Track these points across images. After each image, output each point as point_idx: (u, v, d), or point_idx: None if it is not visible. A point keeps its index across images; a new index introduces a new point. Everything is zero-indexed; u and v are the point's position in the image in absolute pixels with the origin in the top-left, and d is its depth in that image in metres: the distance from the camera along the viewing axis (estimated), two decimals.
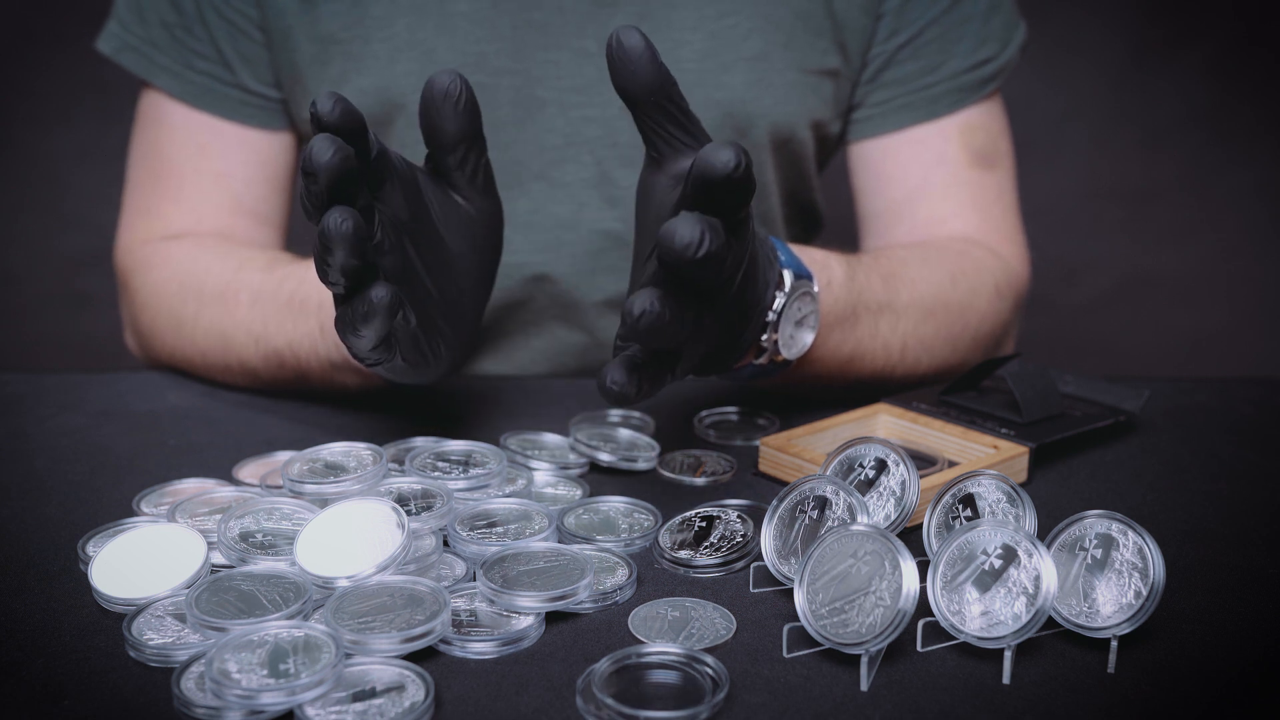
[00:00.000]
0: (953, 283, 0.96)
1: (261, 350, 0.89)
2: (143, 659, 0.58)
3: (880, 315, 0.89)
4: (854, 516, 0.63)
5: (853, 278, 0.87)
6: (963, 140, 1.07)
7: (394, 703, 0.54)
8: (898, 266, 0.93)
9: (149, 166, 1.06)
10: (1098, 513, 0.60)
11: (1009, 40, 1.08)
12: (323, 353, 0.86)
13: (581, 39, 1.02)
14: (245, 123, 1.06)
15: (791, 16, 1.03)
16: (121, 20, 1.05)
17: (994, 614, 0.58)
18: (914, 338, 0.92)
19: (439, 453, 0.74)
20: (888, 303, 0.90)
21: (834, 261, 0.86)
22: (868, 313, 0.88)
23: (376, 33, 1.02)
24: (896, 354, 0.91)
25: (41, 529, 0.71)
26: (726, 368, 0.79)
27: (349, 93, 1.02)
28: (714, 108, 1.03)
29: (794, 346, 0.80)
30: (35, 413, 0.90)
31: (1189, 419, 0.91)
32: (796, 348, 0.80)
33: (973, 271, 0.99)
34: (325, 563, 0.62)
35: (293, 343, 0.87)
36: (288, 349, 0.88)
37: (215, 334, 0.92)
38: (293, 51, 1.03)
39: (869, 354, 0.89)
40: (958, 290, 0.96)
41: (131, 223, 1.07)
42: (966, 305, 0.97)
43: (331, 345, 0.84)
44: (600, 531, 0.69)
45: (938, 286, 0.94)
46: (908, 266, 0.94)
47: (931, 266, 0.96)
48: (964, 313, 0.96)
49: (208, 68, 1.04)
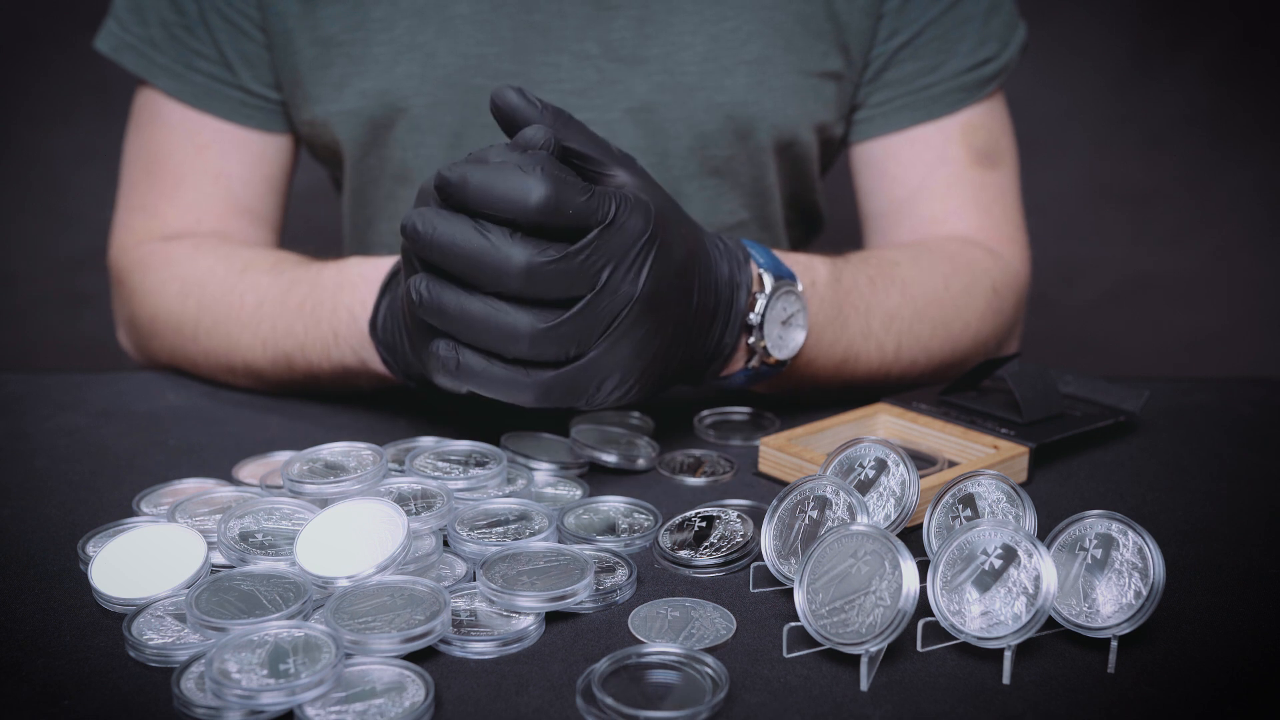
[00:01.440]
0: (945, 284, 0.96)
1: (269, 353, 0.89)
2: (143, 659, 0.58)
3: (871, 315, 0.89)
4: (854, 516, 0.63)
5: (838, 279, 0.87)
6: (964, 139, 1.07)
7: (394, 703, 0.54)
8: (888, 267, 0.93)
9: (145, 165, 1.06)
10: (1098, 513, 0.60)
11: (1009, 40, 1.08)
12: (335, 357, 0.86)
13: (581, 42, 1.02)
14: (244, 124, 1.06)
15: (792, 19, 1.03)
16: (120, 19, 1.05)
17: (994, 614, 0.58)
18: (909, 337, 0.92)
19: (439, 453, 0.74)
20: (878, 303, 0.90)
21: (818, 263, 0.87)
22: (856, 313, 0.88)
23: (377, 35, 1.02)
24: (891, 354, 0.91)
25: (41, 529, 0.71)
26: (709, 376, 0.79)
27: (350, 96, 1.02)
28: (716, 111, 1.03)
29: (785, 347, 0.80)
30: (35, 413, 0.90)
31: (1189, 419, 0.91)
32: (788, 348, 0.80)
33: (967, 271, 0.99)
34: (325, 563, 0.62)
35: (304, 346, 0.87)
36: (298, 352, 0.88)
37: (219, 336, 0.92)
38: (293, 54, 1.03)
39: (863, 355, 0.89)
40: (951, 290, 0.96)
41: (127, 221, 1.06)
42: (962, 305, 0.96)
43: (346, 351, 0.85)
44: (600, 531, 0.69)
45: (930, 287, 0.94)
46: (899, 267, 0.94)
47: (923, 267, 0.96)
48: (960, 313, 0.96)
49: (209, 68, 1.04)
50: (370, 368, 0.84)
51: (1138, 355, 2.38)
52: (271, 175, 1.08)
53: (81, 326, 2.27)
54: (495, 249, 0.66)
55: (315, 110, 1.04)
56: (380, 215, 1.10)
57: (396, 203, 1.08)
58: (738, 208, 1.09)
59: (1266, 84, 2.37)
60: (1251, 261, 2.43)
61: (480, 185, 0.66)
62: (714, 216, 1.08)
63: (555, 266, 0.66)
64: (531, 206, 0.65)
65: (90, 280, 2.25)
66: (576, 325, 0.68)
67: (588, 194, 0.67)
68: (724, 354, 0.78)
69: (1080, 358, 2.28)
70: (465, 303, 0.67)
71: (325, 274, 0.88)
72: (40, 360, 2.29)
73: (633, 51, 1.02)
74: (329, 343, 0.86)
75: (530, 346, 0.67)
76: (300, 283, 0.89)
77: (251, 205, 1.07)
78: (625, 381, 0.71)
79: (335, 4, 1.02)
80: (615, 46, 1.02)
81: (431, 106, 1.03)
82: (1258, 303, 2.43)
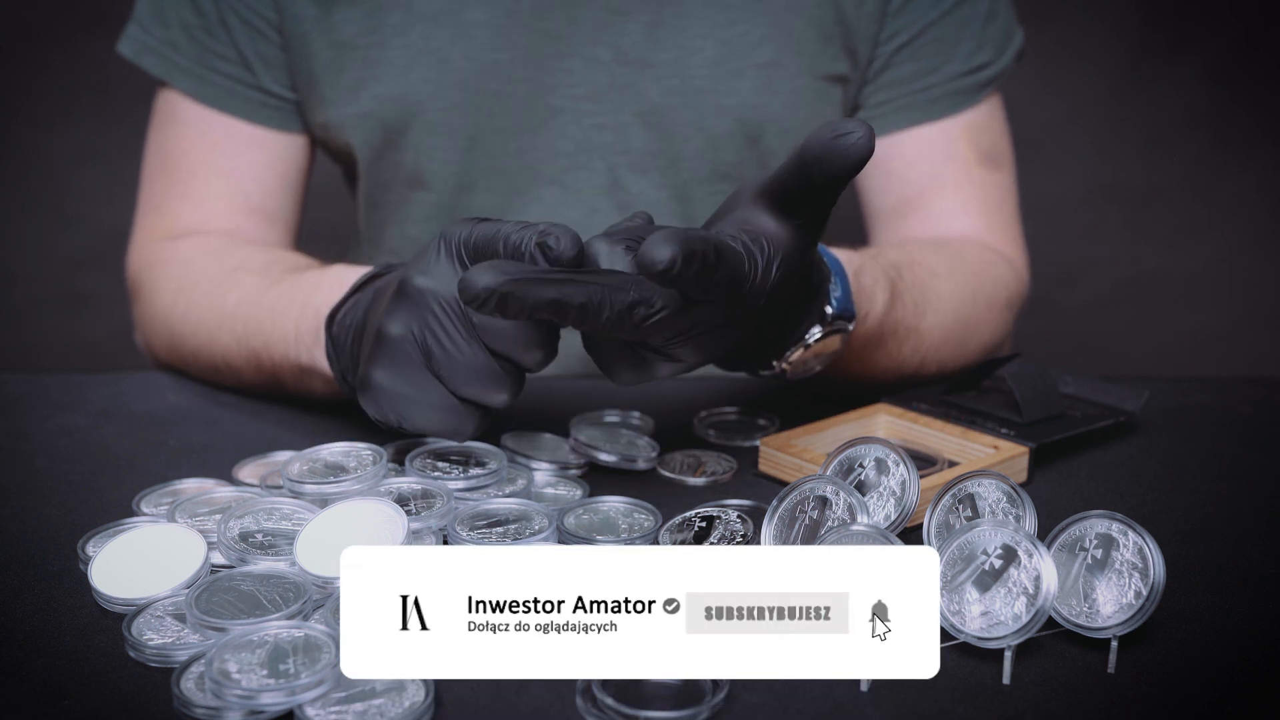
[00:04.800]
0: (974, 299, 0.97)
1: (242, 352, 0.89)
2: (143, 659, 0.58)
3: (905, 340, 0.90)
4: (854, 516, 0.63)
5: (891, 309, 0.86)
6: (970, 139, 1.08)
7: (394, 703, 0.54)
8: (928, 280, 0.93)
9: (162, 165, 1.07)
10: (1098, 513, 0.60)
11: (1005, 47, 1.09)
12: (292, 356, 0.84)
13: (595, 47, 1.02)
14: (262, 123, 1.06)
15: (802, 24, 1.04)
16: (142, 23, 1.06)
17: (994, 614, 0.58)
18: (932, 357, 0.93)
19: (439, 453, 0.74)
20: (914, 327, 0.90)
21: (880, 291, 0.85)
22: (894, 338, 0.88)
23: (392, 40, 1.02)
24: (910, 371, 0.92)
25: (41, 529, 0.71)
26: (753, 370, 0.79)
27: (364, 99, 1.03)
28: (726, 115, 1.04)
29: (801, 370, 0.80)
30: (35, 413, 0.90)
31: (1189, 419, 0.91)
32: (802, 372, 0.80)
33: (991, 286, 1.00)
34: (325, 563, 0.62)
35: (269, 344, 0.86)
36: (264, 350, 0.87)
37: (203, 334, 0.92)
38: (309, 57, 1.03)
39: (881, 372, 0.90)
40: (977, 306, 0.98)
41: (144, 221, 1.07)
42: (984, 321, 0.98)
43: (302, 349, 0.83)
44: (600, 531, 0.69)
45: (960, 303, 0.95)
46: (937, 280, 0.94)
47: (958, 282, 0.97)
48: (979, 330, 0.98)
49: (229, 69, 1.04)
50: (317, 366, 0.81)
51: (1138, 355, 2.38)
52: (286, 175, 1.08)
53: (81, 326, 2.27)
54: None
55: (329, 113, 1.04)
56: (392, 219, 1.10)
57: (409, 207, 1.08)
58: None
59: (1267, 87, 2.37)
60: (1252, 262, 2.43)
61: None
62: None
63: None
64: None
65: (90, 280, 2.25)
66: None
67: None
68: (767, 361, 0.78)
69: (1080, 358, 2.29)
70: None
71: (308, 275, 0.86)
72: (40, 360, 2.29)
73: (644, 56, 1.03)
74: (289, 341, 0.84)
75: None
76: (281, 283, 0.88)
77: (264, 204, 1.07)
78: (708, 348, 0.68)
79: (351, 8, 1.02)
80: (627, 51, 1.03)
81: (445, 111, 1.03)
82: (1258, 303, 2.44)
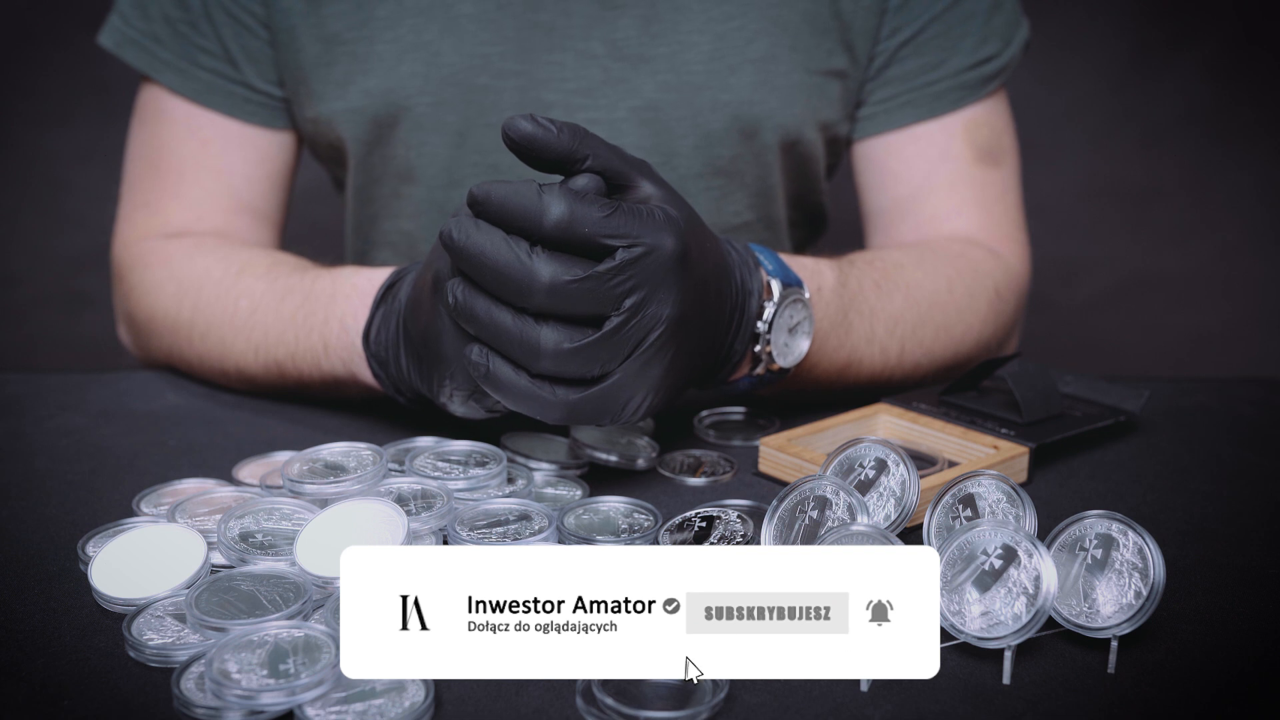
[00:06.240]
0: (949, 286, 0.96)
1: (261, 360, 0.89)
2: (143, 659, 0.58)
3: (875, 319, 0.89)
4: (854, 516, 0.63)
5: (844, 283, 0.87)
6: (967, 137, 1.07)
7: (394, 703, 0.54)
8: (892, 270, 0.93)
9: (149, 161, 1.06)
10: (1098, 513, 0.60)
11: (1011, 38, 1.08)
12: (325, 368, 0.85)
13: (586, 41, 1.02)
14: (248, 120, 1.06)
15: (798, 18, 1.03)
16: (123, 15, 1.05)
17: (994, 614, 0.58)
18: (912, 341, 0.92)
19: (439, 453, 0.74)
20: (882, 307, 0.89)
21: (824, 267, 0.86)
22: (861, 318, 0.88)
23: (381, 34, 1.02)
24: (894, 358, 0.91)
25: (41, 529, 0.71)
26: (716, 381, 0.79)
27: (353, 94, 1.02)
28: (721, 110, 1.03)
29: (790, 355, 0.80)
30: (35, 413, 0.90)
31: (1189, 419, 0.91)
32: (792, 356, 0.80)
33: (970, 273, 0.99)
34: (325, 563, 0.62)
35: (295, 356, 0.87)
36: (289, 361, 0.87)
37: (213, 339, 0.92)
38: (297, 51, 1.03)
39: (865, 358, 0.89)
40: (955, 293, 0.96)
41: (130, 217, 1.06)
42: (965, 308, 0.96)
43: (336, 362, 0.84)
44: (600, 531, 0.69)
45: (934, 290, 0.94)
46: (903, 269, 0.94)
47: (928, 269, 0.96)
48: (963, 315, 0.96)
49: (213, 64, 1.04)
50: (359, 379, 0.83)
51: (1138, 355, 2.38)
52: (274, 172, 1.08)
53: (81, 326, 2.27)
54: (521, 263, 0.65)
55: (319, 108, 1.04)
56: (384, 214, 1.10)
57: (400, 201, 1.08)
58: (743, 208, 1.09)
59: (1266, 83, 2.37)
60: (1251, 261, 2.43)
61: (500, 200, 0.66)
62: (719, 217, 1.08)
63: (580, 285, 0.65)
64: (548, 223, 0.65)
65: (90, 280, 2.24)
66: (603, 346, 0.67)
67: (608, 210, 0.66)
68: (733, 360, 0.78)
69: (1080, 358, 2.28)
70: (495, 313, 0.66)
71: (319, 283, 0.87)
72: (40, 360, 2.29)
73: (638, 51, 1.02)
74: (319, 353, 0.85)
75: (554, 363, 0.66)
76: (294, 291, 0.88)
77: (253, 203, 1.07)
78: (651, 397, 0.70)
79: (340, 2, 1.02)
80: (620, 46, 1.02)
81: (435, 105, 1.03)
82: (1258, 303, 2.43)
